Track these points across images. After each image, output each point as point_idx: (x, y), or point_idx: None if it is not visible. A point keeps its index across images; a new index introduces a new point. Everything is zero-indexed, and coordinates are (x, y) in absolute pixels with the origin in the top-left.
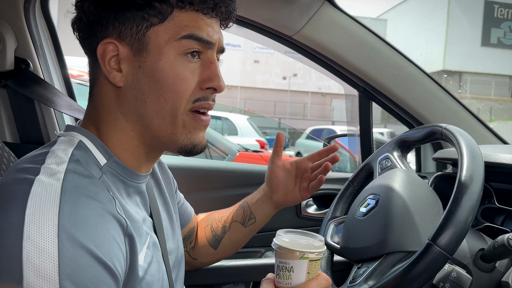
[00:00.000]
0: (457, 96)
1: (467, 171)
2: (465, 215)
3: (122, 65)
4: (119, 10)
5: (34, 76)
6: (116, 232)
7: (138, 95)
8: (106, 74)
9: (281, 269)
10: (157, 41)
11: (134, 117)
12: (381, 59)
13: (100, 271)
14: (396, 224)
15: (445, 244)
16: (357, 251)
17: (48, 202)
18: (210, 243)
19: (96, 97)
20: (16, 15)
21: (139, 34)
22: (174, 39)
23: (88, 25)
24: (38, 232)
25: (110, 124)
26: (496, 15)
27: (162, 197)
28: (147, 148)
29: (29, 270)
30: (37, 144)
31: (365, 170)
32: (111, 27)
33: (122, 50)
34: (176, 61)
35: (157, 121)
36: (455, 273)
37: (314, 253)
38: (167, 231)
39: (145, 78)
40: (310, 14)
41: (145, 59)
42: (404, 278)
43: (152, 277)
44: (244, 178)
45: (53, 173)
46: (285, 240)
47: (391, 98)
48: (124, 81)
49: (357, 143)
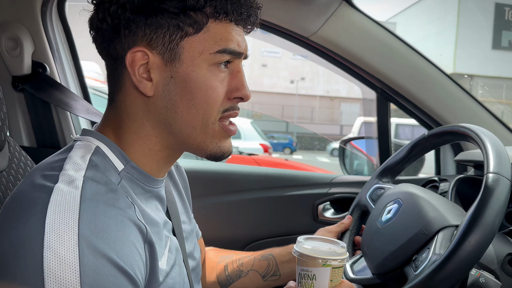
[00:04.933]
0: None
1: (494, 172)
2: (492, 218)
3: (153, 74)
4: (152, 15)
5: (51, 80)
6: (136, 239)
7: (169, 105)
8: (136, 83)
9: (303, 277)
10: (191, 52)
11: (162, 126)
12: (400, 59)
13: (121, 279)
14: (432, 205)
15: (471, 248)
16: (401, 249)
17: (67, 211)
18: (220, 281)
19: (120, 104)
20: (33, 19)
21: (172, 44)
22: (209, 52)
23: (113, 28)
24: (59, 241)
25: (133, 130)
26: (507, 17)
27: (181, 199)
28: (170, 152)
29: (50, 279)
30: (53, 148)
31: (356, 210)
32: (141, 33)
33: (153, 59)
34: (209, 72)
35: (187, 131)
36: (483, 279)
37: (337, 260)
38: (186, 233)
39: (177, 88)
40: (327, 14)
41: (178, 69)
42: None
43: (174, 280)
44: (261, 182)
45: (72, 180)
46: (306, 248)
47: (410, 99)
48: (154, 90)
49: (375, 145)
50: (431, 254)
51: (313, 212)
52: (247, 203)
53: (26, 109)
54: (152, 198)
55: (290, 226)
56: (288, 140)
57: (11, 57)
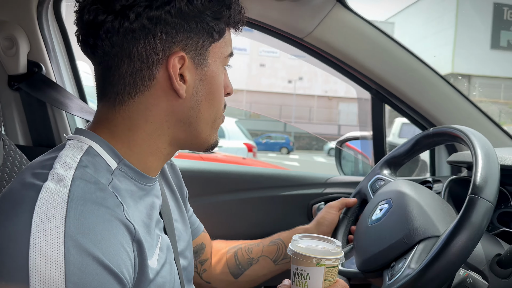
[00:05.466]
0: None
1: (481, 173)
2: (480, 219)
3: (187, 77)
4: (192, 22)
5: (46, 80)
6: (124, 238)
7: (195, 105)
8: (176, 86)
9: (297, 276)
10: (215, 57)
11: (180, 125)
12: (394, 60)
13: (106, 278)
14: (422, 210)
15: (459, 248)
16: (384, 252)
17: (54, 209)
18: (231, 271)
19: (138, 105)
20: (29, 19)
21: (202, 49)
22: (224, 56)
23: (145, 30)
24: (45, 240)
25: (147, 132)
26: (506, 17)
27: (174, 197)
28: (173, 149)
29: (35, 278)
30: (49, 147)
31: (357, 198)
32: (178, 37)
33: (188, 63)
34: (221, 73)
35: (202, 127)
36: (471, 279)
37: (331, 260)
38: (179, 231)
39: (204, 90)
40: (321, 15)
41: (206, 72)
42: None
43: (164, 279)
44: (256, 182)
45: (61, 179)
46: (300, 246)
47: (404, 100)
48: (186, 93)
49: (370, 146)
50: (405, 267)
51: (307, 212)
52: (242, 203)
53: (22, 108)
54: (145, 196)
55: (284, 226)
56: (285, 140)
57: (6, 57)
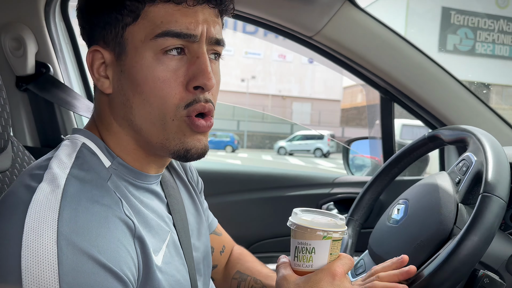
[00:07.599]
0: None
1: (493, 171)
2: (493, 216)
3: (108, 71)
4: (99, 14)
5: (54, 80)
6: (123, 235)
7: (124, 101)
8: (95, 82)
9: (301, 251)
10: (134, 42)
11: (125, 123)
12: (403, 59)
13: (104, 277)
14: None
15: (471, 248)
16: (422, 244)
17: (47, 209)
18: None
19: (95, 103)
20: (37, 20)
21: (118, 37)
22: (149, 38)
23: (82, 31)
24: (37, 240)
25: (106, 128)
26: (453, 21)
27: (188, 193)
28: (145, 152)
29: (28, 279)
30: None
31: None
32: (97, 32)
33: (107, 56)
34: (155, 62)
35: (147, 127)
36: (488, 279)
37: (338, 232)
38: (193, 226)
39: (127, 83)
40: (330, 14)
41: (125, 62)
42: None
43: (172, 277)
44: (264, 182)
45: (55, 178)
46: (306, 219)
47: (414, 99)
48: (112, 87)
49: (379, 146)
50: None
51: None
52: (250, 203)
53: (30, 109)
54: (147, 193)
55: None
56: (230, 138)
57: (14, 57)
